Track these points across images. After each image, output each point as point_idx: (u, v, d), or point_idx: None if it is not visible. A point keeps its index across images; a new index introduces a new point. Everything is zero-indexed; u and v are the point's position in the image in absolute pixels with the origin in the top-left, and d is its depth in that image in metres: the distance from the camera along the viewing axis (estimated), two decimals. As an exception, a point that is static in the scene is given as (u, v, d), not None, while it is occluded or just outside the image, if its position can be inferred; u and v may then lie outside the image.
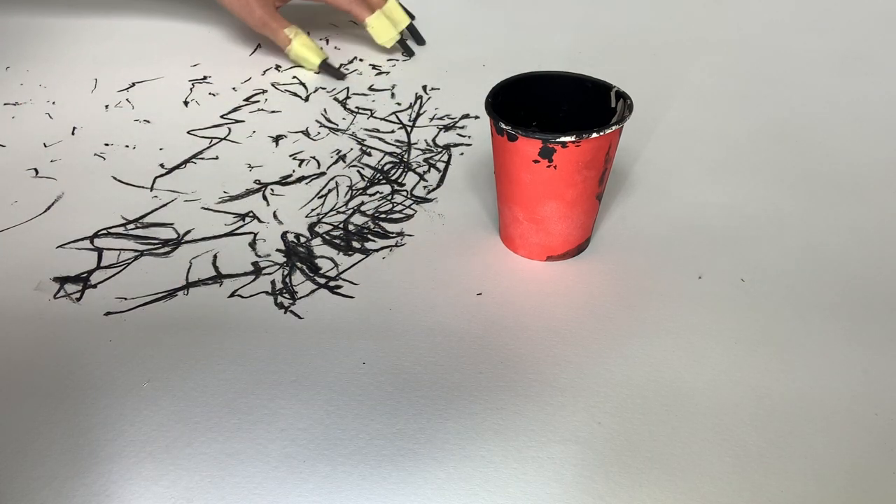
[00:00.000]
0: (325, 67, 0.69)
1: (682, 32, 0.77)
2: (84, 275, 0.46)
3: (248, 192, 0.53)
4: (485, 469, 0.34)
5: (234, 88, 0.68)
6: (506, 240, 0.47)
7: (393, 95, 0.66)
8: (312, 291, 0.44)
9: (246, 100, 0.66)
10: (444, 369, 0.39)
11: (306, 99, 0.66)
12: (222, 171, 0.56)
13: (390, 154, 0.57)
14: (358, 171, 0.55)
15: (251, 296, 0.44)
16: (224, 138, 0.60)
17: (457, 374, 0.39)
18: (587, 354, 0.40)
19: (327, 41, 0.76)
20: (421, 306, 0.43)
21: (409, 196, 0.52)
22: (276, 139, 0.60)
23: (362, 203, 0.52)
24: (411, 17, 0.74)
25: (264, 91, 0.67)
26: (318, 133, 0.60)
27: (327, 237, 0.49)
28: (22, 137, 0.60)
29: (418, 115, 0.63)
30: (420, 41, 0.75)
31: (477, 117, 0.62)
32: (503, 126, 0.40)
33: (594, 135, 0.39)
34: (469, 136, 0.59)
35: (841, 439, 0.35)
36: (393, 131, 0.60)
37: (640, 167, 0.55)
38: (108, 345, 0.41)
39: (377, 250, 0.47)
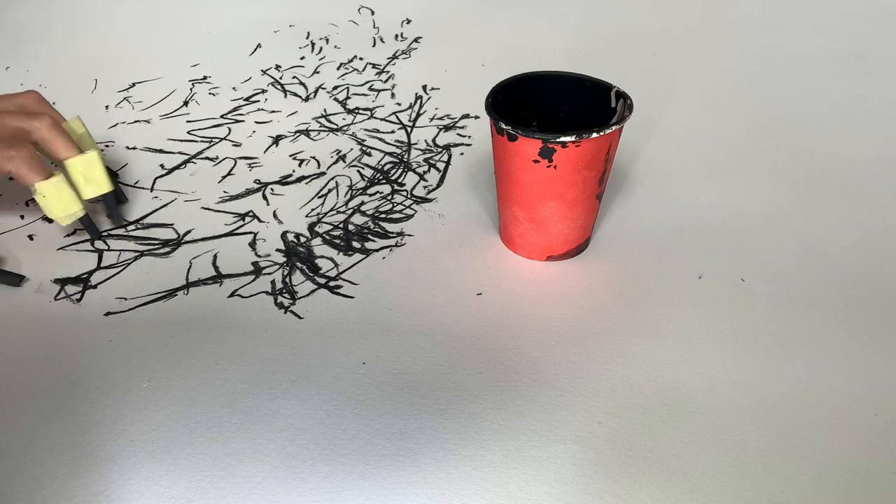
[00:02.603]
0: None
1: (682, 32, 0.77)
2: (84, 275, 0.46)
3: (248, 192, 0.53)
4: (485, 469, 0.34)
5: (234, 88, 0.68)
6: (506, 240, 0.47)
7: (393, 95, 0.66)
8: (312, 291, 0.44)
9: (246, 100, 0.66)
10: (444, 369, 0.39)
11: (306, 99, 0.66)
12: (222, 171, 0.56)
13: (390, 154, 0.57)
14: (358, 171, 0.55)
15: (251, 296, 0.44)
16: (224, 138, 0.60)
17: (457, 374, 0.39)
18: (587, 354, 0.40)
19: (327, 41, 0.76)
20: (421, 306, 0.43)
21: (409, 196, 0.52)
22: (276, 139, 0.60)
23: (362, 203, 0.52)
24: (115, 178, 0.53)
25: (264, 91, 0.67)
26: (318, 133, 0.60)
27: (327, 237, 0.49)
28: (22, 137, 0.60)
29: (418, 115, 0.63)
30: (117, 219, 0.50)
31: (477, 117, 0.62)
32: (503, 126, 0.40)
33: (594, 135, 0.39)
34: (469, 136, 0.59)
35: (841, 439, 0.35)
36: (393, 131, 0.60)
37: (640, 167, 0.55)
38: (108, 345, 0.41)
39: (377, 250, 0.47)
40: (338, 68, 0.71)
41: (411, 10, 0.83)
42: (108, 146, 0.59)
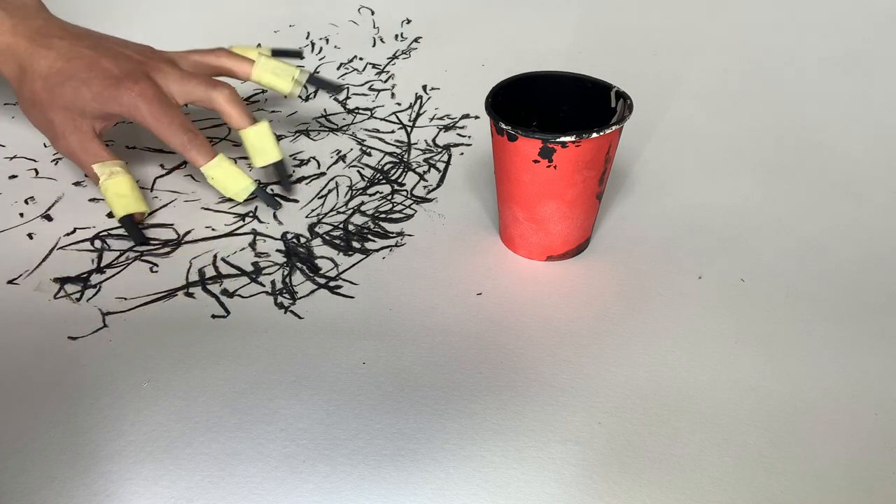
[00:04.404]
0: (128, 225, 0.48)
1: (682, 32, 0.77)
2: (84, 275, 0.46)
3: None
4: (485, 469, 0.34)
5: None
6: (506, 240, 0.47)
7: (393, 95, 0.66)
8: (312, 291, 0.44)
9: (246, 100, 0.66)
10: (444, 369, 0.39)
11: (306, 99, 0.66)
12: (222, 171, 0.56)
13: (390, 154, 0.57)
14: (358, 171, 0.55)
15: (251, 296, 0.44)
16: (224, 138, 0.60)
17: (457, 374, 0.39)
18: (587, 354, 0.40)
19: (327, 41, 0.76)
20: (421, 306, 0.43)
21: (409, 196, 0.52)
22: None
23: (362, 203, 0.52)
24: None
25: (264, 91, 0.67)
26: (318, 133, 0.60)
27: (327, 237, 0.49)
28: (22, 137, 0.60)
29: (418, 115, 0.63)
30: (288, 188, 0.53)
31: (477, 117, 0.62)
32: (503, 126, 0.40)
33: (594, 135, 0.39)
34: (469, 136, 0.59)
35: (841, 439, 0.35)
36: (393, 131, 0.60)
37: (640, 167, 0.55)
38: (108, 345, 0.41)
39: (377, 250, 0.47)
40: (338, 68, 0.71)
41: (411, 10, 0.83)
42: (108, 145, 0.59)
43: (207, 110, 0.58)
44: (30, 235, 0.49)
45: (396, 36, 0.78)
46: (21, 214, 0.51)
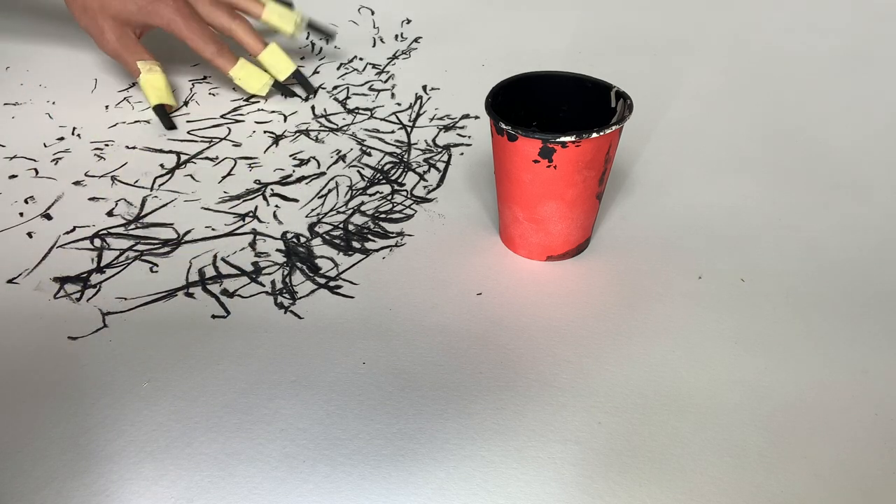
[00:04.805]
0: (161, 113, 0.61)
1: (682, 32, 0.77)
2: (84, 275, 0.46)
3: (249, 192, 0.53)
4: (485, 469, 0.34)
5: (234, 88, 0.68)
6: (506, 240, 0.47)
7: (393, 95, 0.66)
8: (312, 291, 0.44)
9: (246, 100, 0.66)
10: (444, 369, 0.39)
11: (306, 99, 0.66)
12: (222, 171, 0.56)
13: (390, 154, 0.57)
14: (358, 171, 0.55)
15: (251, 296, 0.44)
16: (224, 138, 0.60)
17: (457, 374, 0.39)
18: (587, 354, 0.40)
19: (327, 41, 0.76)
20: (421, 306, 0.43)
21: (409, 196, 0.52)
22: (277, 139, 0.60)
23: (362, 203, 0.52)
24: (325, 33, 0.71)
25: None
26: (318, 133, 0.60)
27: (327, 237, 0.49)
28: (22, 137, 0.60)
29: (418, 115, 0.63)
30: (308, 88, 0.66)
31: (477, 117, 0.62)
32: (503, 126, 0.40)
33: (594, 135, 0.39)
34: (469, 136, 0.59)
35: (841, 439, 0.35)
36: (393, 131, 0.60)
37: (640, 167, 0.55)
38: (108, 345, 0.41)
39: (377, 250, 0.47)
40: (338, 68, 0.71)
41: (411, 10, 0.83)
42: (108, 146, 0.59)
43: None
44: (29, 234, 0.49)
45: (396, 36, 0.78)
46: (21, 214, 0.51)
